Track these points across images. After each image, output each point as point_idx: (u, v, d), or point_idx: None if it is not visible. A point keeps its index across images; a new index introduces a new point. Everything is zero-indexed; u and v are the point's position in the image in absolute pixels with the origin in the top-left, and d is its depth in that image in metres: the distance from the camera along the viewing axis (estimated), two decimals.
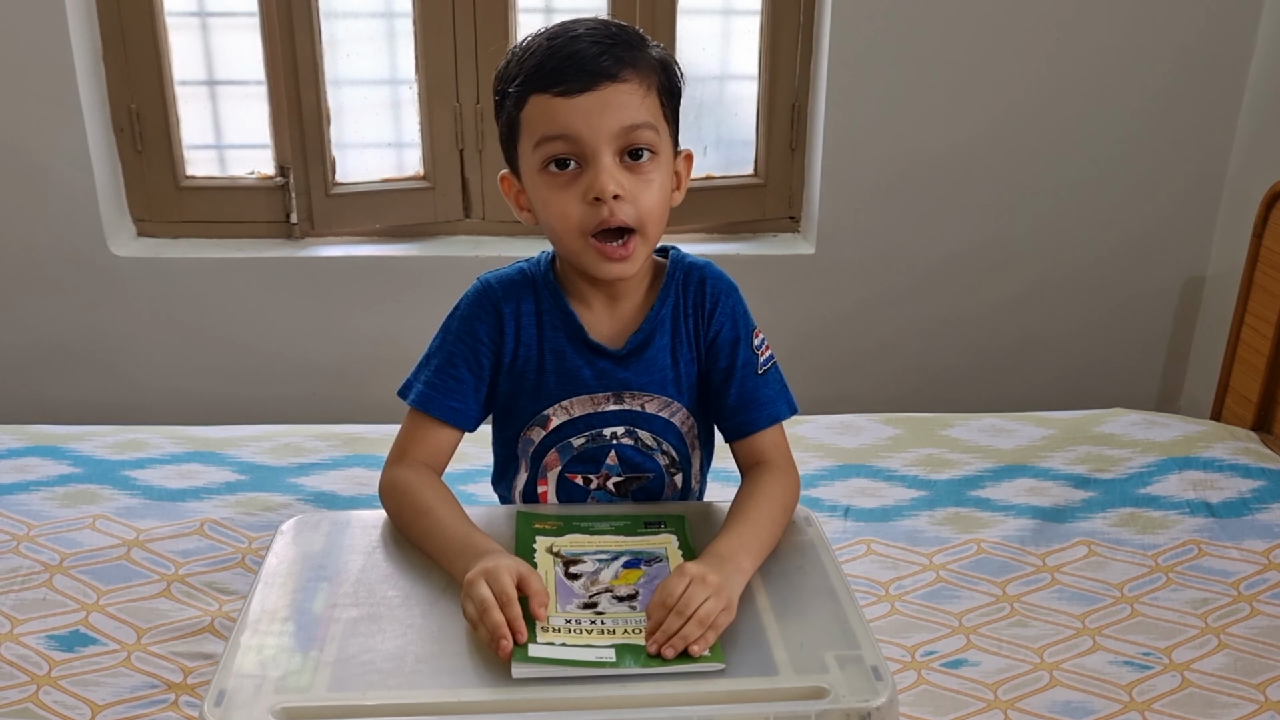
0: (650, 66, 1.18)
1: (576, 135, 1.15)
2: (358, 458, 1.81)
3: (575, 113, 1.14)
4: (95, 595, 1.44)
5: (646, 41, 1.21)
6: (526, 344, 1.28)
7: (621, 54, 1.15)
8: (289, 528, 1.25)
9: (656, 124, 1.18)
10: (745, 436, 1.29)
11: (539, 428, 1.30)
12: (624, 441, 1.30)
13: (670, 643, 0.99)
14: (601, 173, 1.15)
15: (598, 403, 1.28)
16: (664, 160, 1.20)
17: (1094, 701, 1.29)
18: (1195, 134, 2.41)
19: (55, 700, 1.26)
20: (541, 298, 1.28)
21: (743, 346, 1.28)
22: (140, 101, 2.32)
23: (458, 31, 2.32)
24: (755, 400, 1.28)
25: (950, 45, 2.31)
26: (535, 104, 1.16)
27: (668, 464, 1.33)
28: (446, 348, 1.28)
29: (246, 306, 2.41)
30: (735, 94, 2.50)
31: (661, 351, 1.28)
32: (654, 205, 1.19)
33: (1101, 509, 1.70)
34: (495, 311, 1.27)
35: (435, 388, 1.27)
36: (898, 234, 2.46)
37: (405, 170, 2.46)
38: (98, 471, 1.73)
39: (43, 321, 2.39)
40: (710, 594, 1.01)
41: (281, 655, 1.01)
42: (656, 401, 1.29)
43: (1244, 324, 2.11)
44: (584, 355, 1.27)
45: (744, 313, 1.30)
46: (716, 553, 1.11)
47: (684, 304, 1.29)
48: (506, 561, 1.06)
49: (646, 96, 1.17)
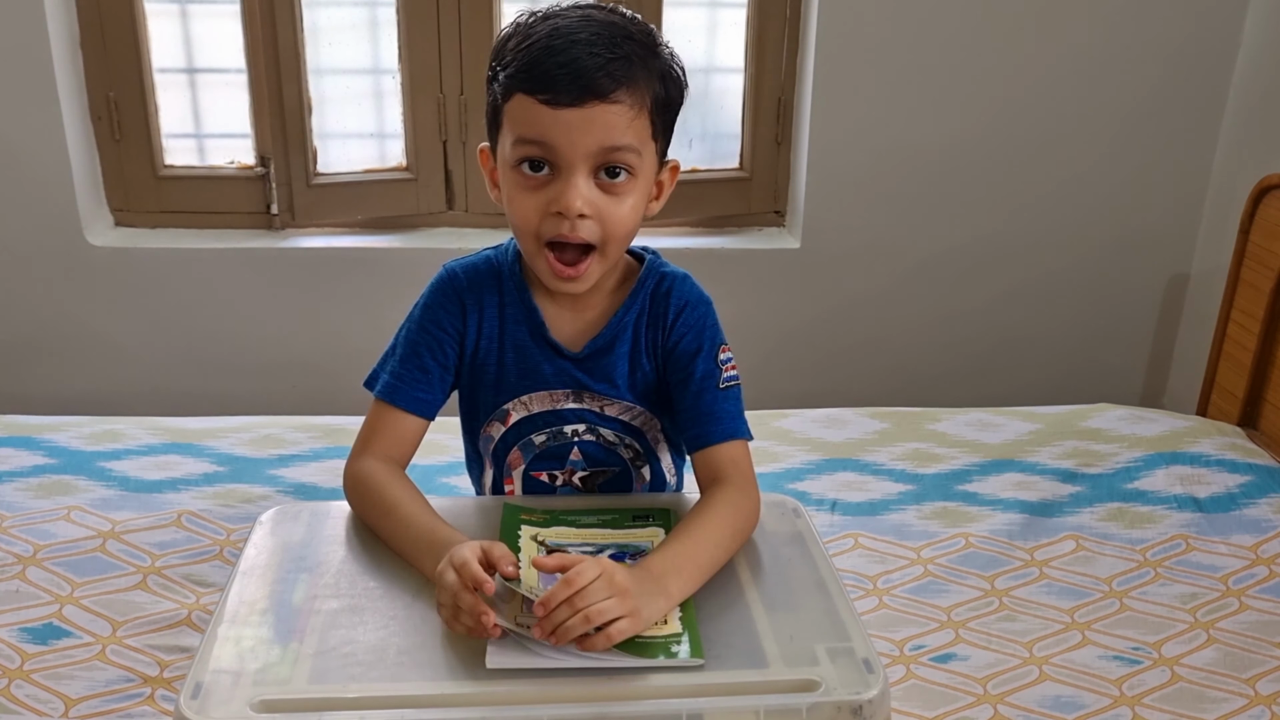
0: (648, 82, 1.13)
1: (554, 146, 1.11)
2: (338, 449, 1.78)
3: (557, 124, 1.10)
4: (70, 587, 1.42)
5: (656, 46, 1.16)
6: (488, 336, 1.26)
7: (620, 70, 1.10)
8: (268, 518, 1.23)
9: (640, 146, 1.13)
10: (700, 450, 1.22)
11: (499, 423, 1.28)
12: (586, 438, 1.28)
13: (555, 633, 0.94)
14: (571, 189, 1.11)
15: (556, 399, 1.26)
16: (642, 179, 1.16)
17: (1084, 696, 1.28)
18: (1180, 132, 2.41)
19: (28, 694, 1.23)
20: (506, 289, 1.26)
21: (703, 358, 1.23)
22: (118, 89, 2.29)
23: (441, 21, 2.30)
24: (712, 414, 1.22)
25: (937, 41, 2.30)
26: (519, 102, 1.12)
27: (632, 457, 1.31)
28: (412, 337, 1.26)
29: (226, 298, 2.38)
30: (721, 87, 2.49)
31: (621, 359, 1.25)
32: (620, 224, 1.15)
33: (1089, 504, 1.69)
34: (459, 300, 1.25)
35: (401, 379, 1.24)
36: (884, 229, 2.45)
37: (387, 161, 2.44)
38: (73, 462, 1.71)
39: (18, 312, 2.35)
40: (613, 594, 0.95)
41: (260, 647, 0.99)
42: (616, 405, 1.27)
43: (1230, 320, 2.11)
44: (544, 351, 1.25)
45: (711, 326, 1.25)
46: (646, 568, 1.04)
47: (649, 312, 1.25)
48: (469, 544, 1.03)
49: (636, 119, 1.12)
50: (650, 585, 1.01)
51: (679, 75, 1.19)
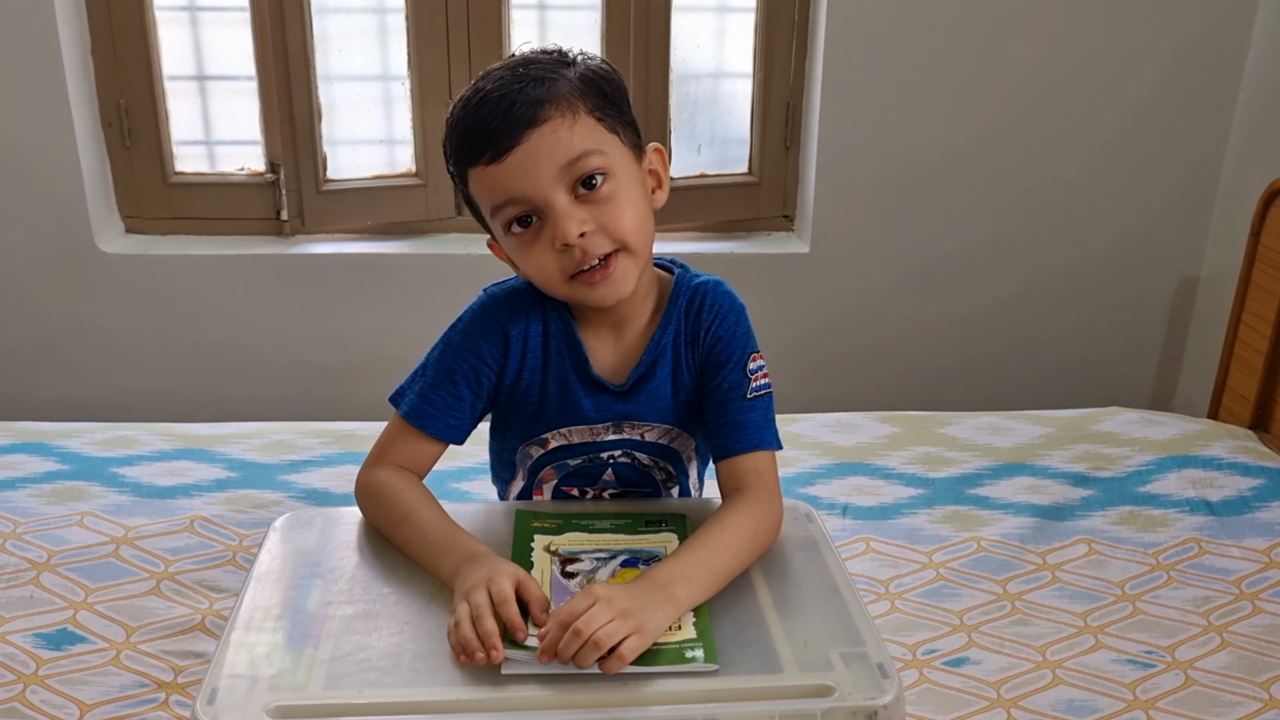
0: (571, 90, 1.13)
1: (522, 195, 1.11)
2: (350, 455, 1.78)
3: (510, 174, 1.11)
4: (83, 593, 1.42)
5: (563, 62, 1.16)
6: (531, 368, 1.24)
7: (531, 94, 1.10)
8: (282, 524, 1.23)
9: (599, 146, 1.13)
10: (725, 459, 1.22)
11: (537, 446, 1.28)
12: (620, 460, 1.28)
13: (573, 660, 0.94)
14: (559, 219, 1.11)
15: (596, 433, 1.26)
16: (623, 175, 1.15)
17: (1097, 700, 1.28)
18: (1190, 134, 2.40)
19: (43, 700, 1.23)
20: (550, 320, 1.24)
21: (733, 367, 1.23)
22: (129, 96, 2.29)
23: (450, 27, 2.30)
24: (737, 423, 1.21)
25: (946, 44, 2.30)
26: (475, 177, 1.14)
27: (664, 479, 1.32)
28: (447, 362, 1.23)
29: (236, 304, 2.39)
30: (730, 92, 2.49)
31: (663, 383, 1.24)
32: (627, 222, 1.14)
33: (1101, 507, 1.69)
34: (501, 332, 1.22)
35: (431, 403, 1.22)
36: (892, 233, 2.45)
37: (397, 167, 2.44)
38: (86, 468, 1.71)
39: (30, 318, 2.36)
40: (614, 617, 0.95)
41: (275, 653, 0.99)
42: (656, 430, 1.27)
43: (1241, 322, 2.11)
44: (586, 387, 1.24)
45: (743, 335, 1.24)
46: (652, 577, 1.03)
47: (685, 330, 1.24)
48: (506, 568, 1.03)
49: (575, 124, 1.12)
50: (654, 594, 1.00)
51: (602, 69, 1.19)
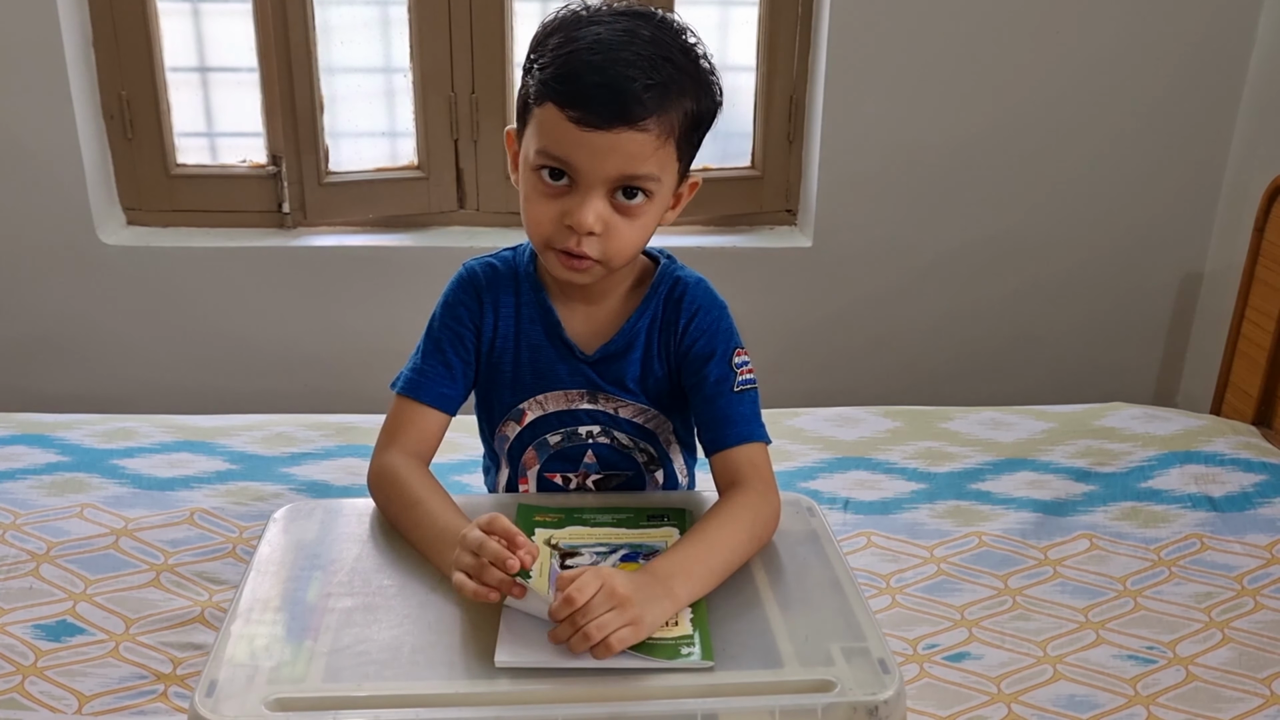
0: (681, 106, 1.11)
1: (574, 164, 1.10)
2: (350, 448, 1.78)
3: (582, 146, 1.08)
4: (83, 585, 1.42)
5: (696, 65, 1.13)
6: (504, 335, 1.26)
7: (653, 99, 1.07)
8: (282, 515, 1.23)
9: (662, 173, 1.12)
10: (717, 453, 1.22)
11: (514, 422, 1.28)
12: (600, 440, 1.28)
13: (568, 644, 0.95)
14: (586, 206, 1.11)
15: (571, 399, 1.26)
16: (659, 199, 1.15)
17: (1098, 695, 1.28)
18: (1194, 130, 2.39)
19: (42, 690, 1.23)
20: (522, 290, 1.26)
21: (717, 362, 1.22)
22: (131, 88, 2.29)
23: (453, 19, 2.29)
24: (727, 417, 1.21)
25: (949, 39, 2.30)
26: (549, 112, 1.09)
27: (646, 461, 1.31)
28: (433, 335, 1.26)
29: (238, 296, 2.38)
30: (733, 85, 2.47)
31: (633, 363, 1.25)
32: (629, 243, 1.15)
33: (1103, 503, 1.68)
34: (477, 297, 1.26)
35: (424, 374, 1.25)
36: (895, 228, 2.44)
37: (399, 160, 2.44)
38: (86, 460, 1.71)
39: (31, 310, 2.35)
40: (614, 606, 0.95)
41: (274, 645, 0.99)
42: (630, 407, 1.27)
43: (1244, 318, 2.10)
44: (559, 350, 1.25)
45: (725, 330, 1.24)
46: (652, 570, 1.03)
47: (661, 318, 1.25)
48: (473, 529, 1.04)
49: (661, 147, 1.10)
50: (655, 589, 1.00)
51: (715, 92, 1.17)
